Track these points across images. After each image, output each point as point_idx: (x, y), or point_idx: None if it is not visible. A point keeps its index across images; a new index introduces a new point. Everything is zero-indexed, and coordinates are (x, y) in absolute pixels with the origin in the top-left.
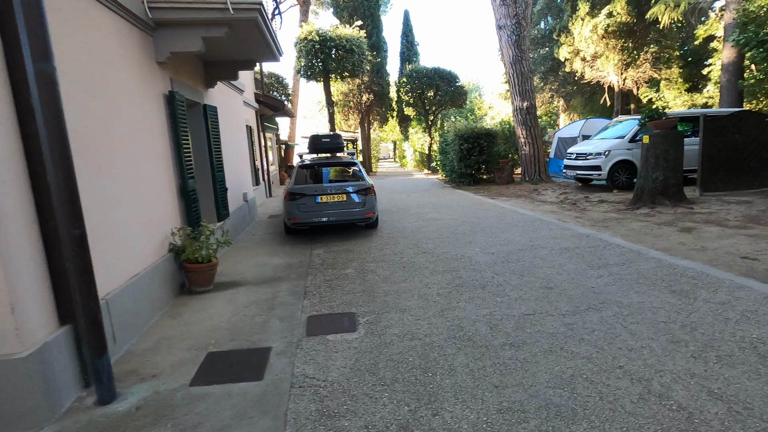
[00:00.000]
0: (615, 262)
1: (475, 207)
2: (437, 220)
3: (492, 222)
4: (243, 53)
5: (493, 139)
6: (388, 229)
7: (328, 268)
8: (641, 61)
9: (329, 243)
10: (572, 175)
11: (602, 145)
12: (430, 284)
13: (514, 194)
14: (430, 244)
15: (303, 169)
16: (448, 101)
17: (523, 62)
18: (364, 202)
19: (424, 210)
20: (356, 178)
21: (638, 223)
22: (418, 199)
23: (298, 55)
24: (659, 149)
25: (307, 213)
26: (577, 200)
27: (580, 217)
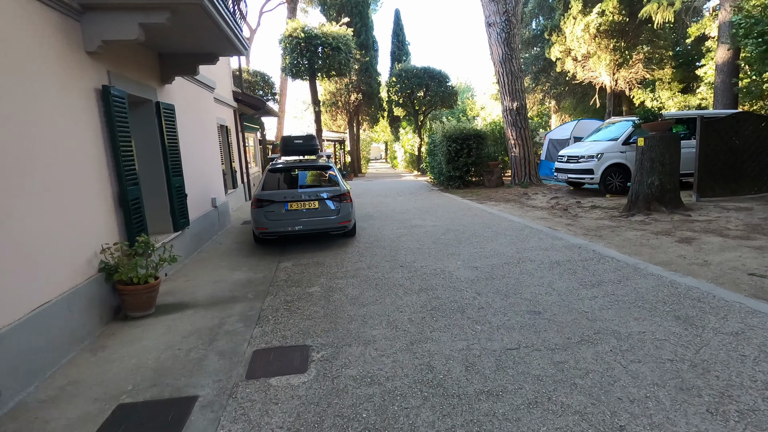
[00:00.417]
0: (610, 279)
1: (462, 212)
2: (420, 228)
3: (478, 230)
4: (201, 45)
5: (483, 140)
6: (366, 237)
7: (293, 285)
8: (634, 62)
9: (300, 254)
10: (563, 178)
11: (594, 148)
12: (403, 307)
13: (503, 198)
14: (409, 256)
15: (273, 173)
16: (438, 101)
17: (513, 61)
18: (338, 209)
19: (407, 216)
20: (331, 183)
21: (633, 232)
22: (403, 203)
23: (283, 53)
24: (655, 152)
25: (276, 221)
26: (568, 206)
27: (572, 225)
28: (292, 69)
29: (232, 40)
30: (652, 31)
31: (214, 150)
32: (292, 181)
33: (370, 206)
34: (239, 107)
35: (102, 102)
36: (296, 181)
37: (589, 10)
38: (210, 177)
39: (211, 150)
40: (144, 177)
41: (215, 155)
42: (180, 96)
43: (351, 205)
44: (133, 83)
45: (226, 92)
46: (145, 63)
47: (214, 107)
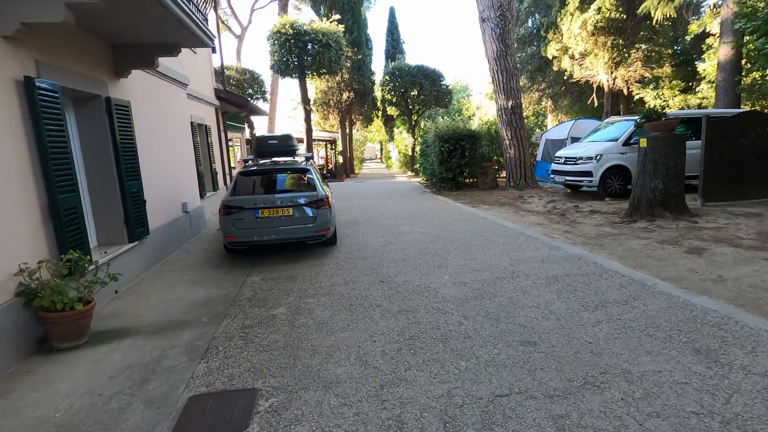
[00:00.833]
0: (615, 298)
1: (453, 217)
2: (408, 235)
3: (469, 238)
4: (157, 35)
5: (477, 140)
6: (348, 246)
7: (257, 305)
8: (632, 60)
9: (272, 266)
10: (560, 180)
11: (593, 149)
12: (377, 334)
13: (497, 202)
14: (391, 269)
15: (243, 177)
16: (432, 100)
17: (507, 58)
18: (315, 216)
19: (396, 221)
20: (308, 187)
21: (637, 240)
22: (393, 206)
23: (272, 50)
24: (658, 154)
25: (246, 230)
26: (566, 210)
27: (570, 232)
28: (281, 66)
29: (191, 29)
30: (652, 29)
31: (187, 151)
32: (264, 185)
33: (357, 210)
34: (222, 105)
35: (25, 96)
36: (269, 185)
37: (586, 6)
38: (181, 180)
39: (184, 151)
40: (92, 182)
41: (188, 156)
42: (140, 92)
43: (330, 211)
44: (73, 75)
45: (207, 89)
46: (92, 53)
47: (187, 105)
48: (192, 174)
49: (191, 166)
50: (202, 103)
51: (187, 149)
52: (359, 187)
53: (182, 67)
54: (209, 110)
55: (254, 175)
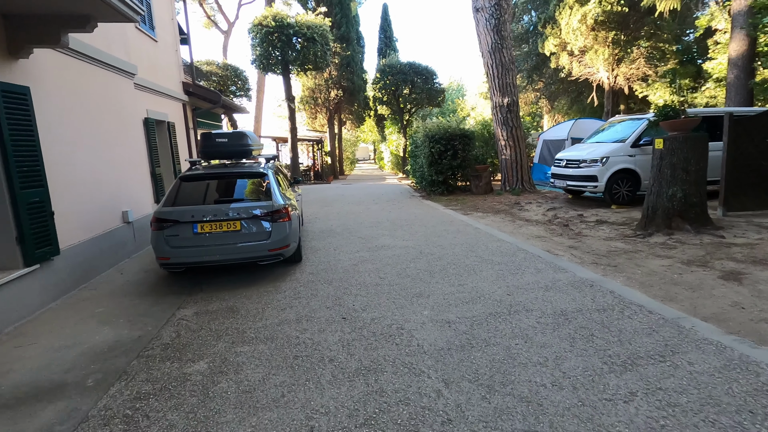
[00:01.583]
0: (647, 350)
1: (442, 228)
2: (387, 249)
3: (459, 254)
4: (57, 2)
5: (470, 141)
6: (315, 264)
7: (170, 357)
8: (634, 56)
9: (216, 291)
10: (561, 185)
11: (598, 151)
12: (318, 415)
13: (491, 208)
14: (360, 299)
15: (184, 183)
16: (425, 99)
17: (503, 51)
18: (269, 232)
19: (376, 231)
20: (262, 195)
21: (657, 260)
22: (376, 213)
23: (253, 44)
24: (677, 157)
25: (181, 249)
26: (569, 220)
27: (577, 248)
28: (263, 61)
29: None
30: (655, 23)
31: (136, 150)
32: (207, 193)
33: (335, 217)
34: (192, 101)
35: None
36: (214, 193)
37: None
38: (122, 184)
39: (130, 150)
40: None
41: (137, 157)
42: (52, 78)
43: (289, 225)
44: None
45: (172, 83)
46: None
47: (138, 98)
48: (143, 177)
49: (142, 168)
50: (164, 98)
51: (135, 148)
52: (345, 190)
53: (127, 53)
54: (174, 105)
55: (196, 180)
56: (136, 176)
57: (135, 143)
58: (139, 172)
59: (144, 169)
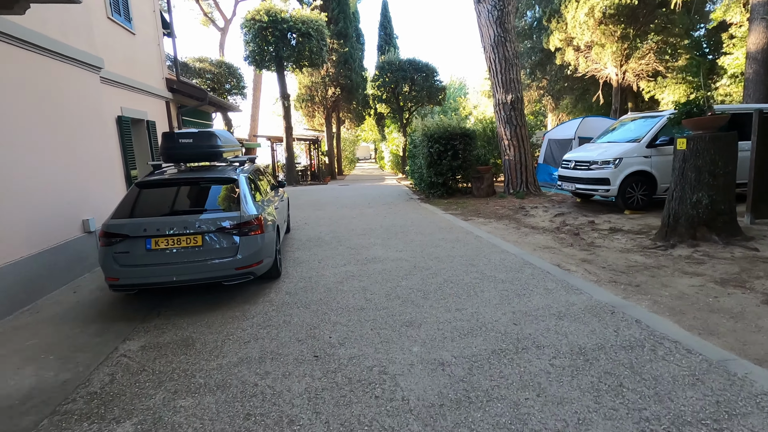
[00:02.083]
0: (693, 410)
1: (440, 235)
2: (378, 263)
3: (457, 269)
4: None
5: (471, 140)
6: (295, 280)
7: (90, 416)
8: (644, 51)
9: (175, 317)
10: (569, 188)
11: (610, 151)
12: None
13: (494, 213)
14: (338, 329)
15: (140, 190)
16: (425, 97)
17: (507, 44)
18: (237, 247)
19: (368, 240)
20: (231, 205)
21: (686, 278)
22: (370, 219)
23: (245, 39)
24: (703, 159)
25: (132, 268)
26: (579, 227)
27: (590, 261)
28: (256, 57)
29: None
30: (666, 16)
31: (103, 151)
32: (166, 203)
33: (326, 223)
34: (177, 98)
35: None
36: (174, 203)
37: None
38: (84, 190)
39: (94, 151)
40: None
41: (106, 158)
42: None
43: (262, 238)
44: None
45: (152, 79)
46: None
47: (108, 94)
48: (114, 181)
49: (113, 171)
50: (142, 94)
51: (104, 149)
52: (340, 192)
53: (91, 44)
54: (155, 103)
55: (154, 187)
56: (105, 180)
57: (104, 144)
58: (110, 176)
59: (116, 172)
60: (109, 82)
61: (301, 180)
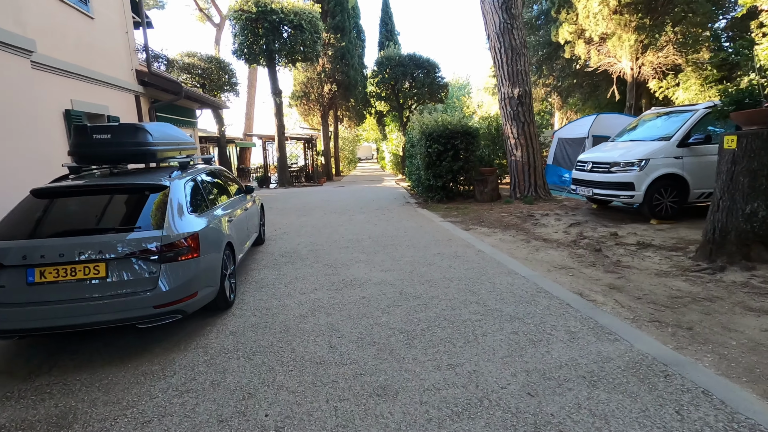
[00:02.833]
0: None
1: (436, 250)
2: (357, 288)
3: (454, 299)
4: None
5: (474, 139)
6: (248, 313)
7: None
8: (662, 43)
9: (70, 373)
10: (584, 193)
11: (635, 152)
12: None
13: (499, 222)
14: (282, 399)
15: (36, 200)
16: (426, 94)
17: (513, 32)
18: (156, 278)
19: (351, 254)
20: (152, 221)
21: (752, 317)
22: (359, 226)
23: (233, 32)
24: (759, 160)
25: (8, 309)
26: (599, 240)
27: (620, 289)
28: (244, 51)
29: None
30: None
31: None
32: (65, 218)
33: (308, 232)
34: (149, 92)
35: None
36: (75, 220)
37: None
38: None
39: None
40: None
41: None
42: None
43: (197, 263)
44: None
45: (118, 70)
46: None
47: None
48: None
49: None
50: (102, 86)
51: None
52: (333, 194)
53: (19, 23)
54: (120, 96)
55: (53, 196)
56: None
57: (39, 141)
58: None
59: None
60: (53, 70)
61: (295, 181)
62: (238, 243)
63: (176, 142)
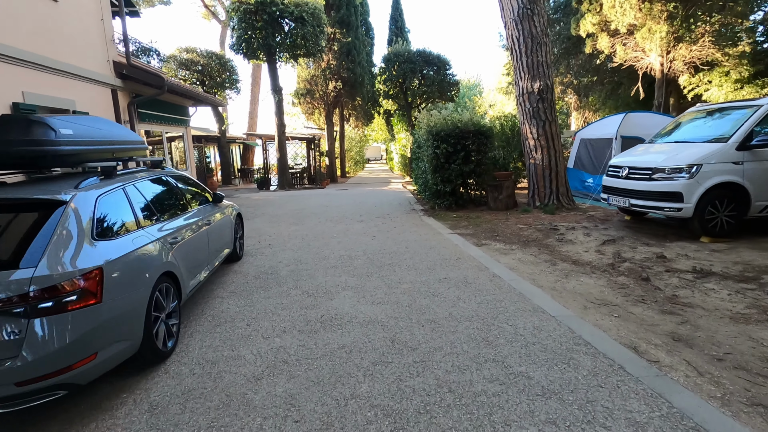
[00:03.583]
0: None
1: (442, 273)
2: (336, 331)
3: (462, 354)
4: None
5: (487, 139)
6: (184, 372)
7: None
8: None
9: None
10: (619, 203)
11: (683, 155)
12: None
13: (517, 235)
14: None
15: None
16: (435, 92)
17: (534, 18)
18: (21, 339)
19: (339, 278)
20: (18, 256)
21: None
22: (354, 239)
23: (230, 25)
24: None
25: None
26: (644, 264)
27: (689, 342)
28: (242, 45)
29: None
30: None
31: None
32: None
33: (296, 245)
34: (128, 86)
35: None
36: None
37: None
38: None
39: None
40: None
41: None
42: None
43: (92, 315)
44: None
45: (89, 60)
46: None
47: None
48: None
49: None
50: (68, 78)
51: None
52: (334, 198)
53: None
54: (92, 90)
55: None
56: None
57: None
58: None
59: None
60: None
61: (297, 183)
62: (189, 270)
63: (106, 140)
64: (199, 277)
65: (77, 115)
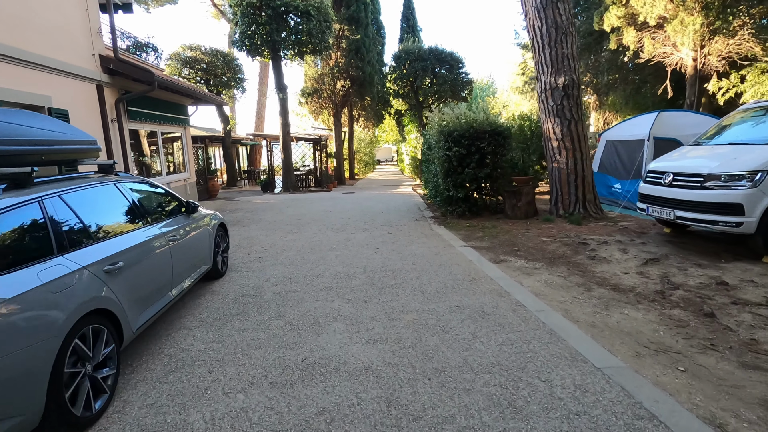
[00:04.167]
0: None
1: (454, 300)
2: (320, 385)
3: (482, 425)
4: None
5: (504, 140)
6: None
7: None
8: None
9: None
10: (661, 215)
11: (743, 160)
12: None
13: (540, 250)
14: None
15: None
16: (448, 91)
17: (559, 6)
18: None
19: (331, 304)
20: None
21: None
22: (355, 252)
23: (233, 21)
24: None
25: None
26: (702, 293)
27: None
28: (245, 41)
29: None
30: None
31: None
32: None
33: (288, 259)
34: (116, 81)
35: None
36: None
37: None
38: None
39: None
40: None
41: None
42: None
43: None
44: None
45: (70, 53)
46: None
47: None
48: None
49: None
50: (42, 72)
51: None
52: (339, 202)
53: None
54: (74, 85)
55: None
56: None
57: None
58: None
59: None
60: None
61: (302, 186)
62: (140, 301)
63: (30, 140)
64: (157, 306)
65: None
